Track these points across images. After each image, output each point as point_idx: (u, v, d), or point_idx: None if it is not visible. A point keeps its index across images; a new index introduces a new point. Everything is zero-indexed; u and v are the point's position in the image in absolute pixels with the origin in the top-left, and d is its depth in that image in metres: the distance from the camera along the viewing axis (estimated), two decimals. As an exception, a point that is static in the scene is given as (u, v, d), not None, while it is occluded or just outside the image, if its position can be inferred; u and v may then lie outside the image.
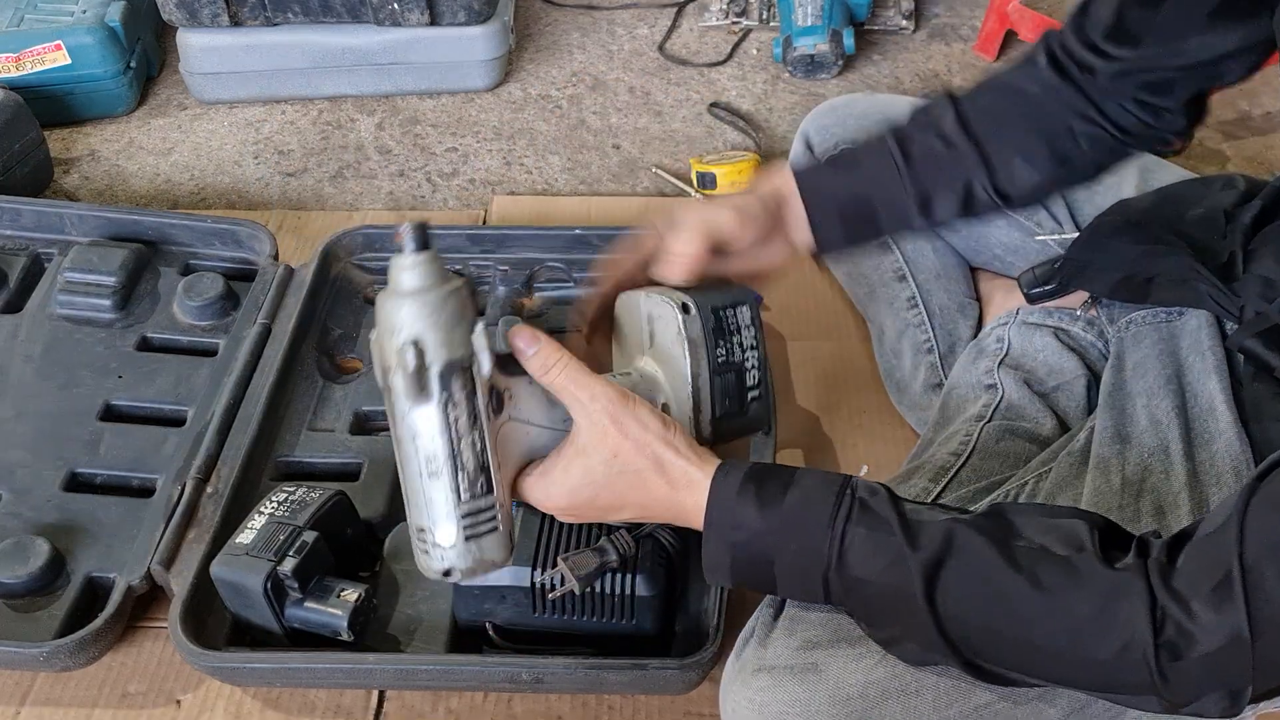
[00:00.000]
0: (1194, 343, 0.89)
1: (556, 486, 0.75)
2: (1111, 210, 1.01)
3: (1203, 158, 1.55)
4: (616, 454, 0.73)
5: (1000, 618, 0.66)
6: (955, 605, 0.66)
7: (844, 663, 0.75)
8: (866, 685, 0.74)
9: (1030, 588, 0.65)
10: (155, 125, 1.67)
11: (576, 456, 0.74)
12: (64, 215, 1.28)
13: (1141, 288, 0.93)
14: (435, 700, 0.96)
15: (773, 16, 1.81)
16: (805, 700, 0.74)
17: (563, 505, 0.76)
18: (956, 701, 0.74)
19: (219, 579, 0.92)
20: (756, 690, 0.76)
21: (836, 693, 0.74)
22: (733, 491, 0.72)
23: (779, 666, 0.76)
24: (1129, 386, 0.90)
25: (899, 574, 0.67)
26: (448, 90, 1.70)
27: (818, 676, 0.75)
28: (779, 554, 0.71)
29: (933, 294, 1.16)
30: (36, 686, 0.98)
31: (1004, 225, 1.13)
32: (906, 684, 0.74)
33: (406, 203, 1.52)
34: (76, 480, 1.07)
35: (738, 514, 0.71)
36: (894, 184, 0.88)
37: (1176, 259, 0.91)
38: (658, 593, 0.89)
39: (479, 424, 0.70)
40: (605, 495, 0.74)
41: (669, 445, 0.74)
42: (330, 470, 1.08)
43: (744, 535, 0.72)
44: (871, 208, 0.89)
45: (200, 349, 1.19)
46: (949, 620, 0.67)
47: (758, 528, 0.71)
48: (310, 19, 1.62)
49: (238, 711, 0.96)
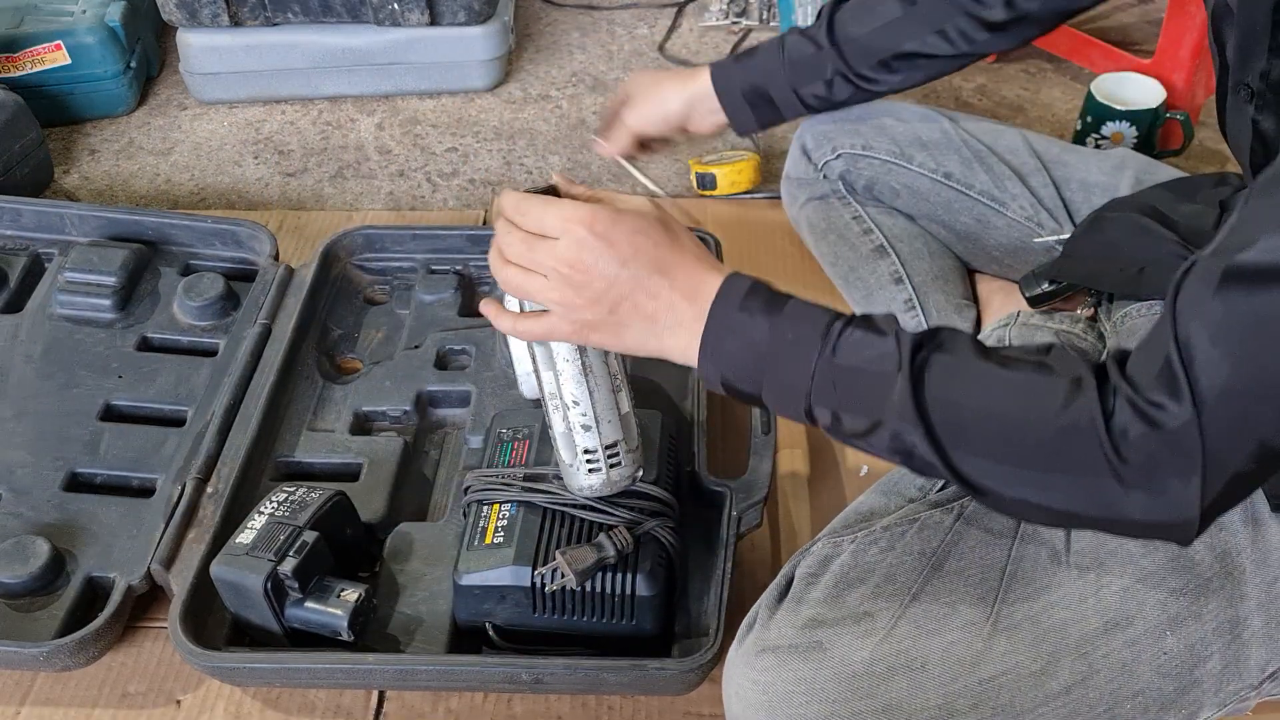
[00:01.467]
0: None
1: (615, 228, 0.74)
2: (1106, 206, 1.02)
3: (1203, 158, 1.55)
4: (664, 220, 0.76)
5: (971, 392, 0.67)
6: (934, 383, 0.68)
7: (849, 640, 0.75)
8: (872, 661, 0.74)
9: (999, 367, 0.67)
10: (155, 125, 1.67)
11: (631, 213, 0.75)
12: (64, 215, 1.28)
13: (1134, 279, 0.93)
14: (435, 700, 0.96)
15: (773, 16, 1.81)
16: (810, 678, 0.74)
17: (617, 255, 0.74)
18: (961, 676, 0.74)
19: (219, 579, 0.92)
20: (761, 670, 0.76)
21: (842, 670, 0.74)
22: (743, 287, 0.73)
23: (783, 646, 0.76)
24: None
25: (888, 361, 0.68)
26: (448, 90, 1.70)
27: (823, 654, 0.75)
28: (777, 347, 0.71)
29: (929, 295, 1.16)
30: (36, 686, 0.98)
31: (1002, 226, 1.13)
32: (912, 659, 0.74)
33: (406, 203, 1.52)
34: (77, 480, 1.07)
35: (744, 306, 0.72)
36: (779, 78, 1.11)
37: (1167, 248, 0.91)
38: (657, 593, 0.89)
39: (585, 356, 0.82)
40: (644, 257, 0.74)
41: (707, 251, 0.78)
42: (330, 470, 1.08)
43: (746, 328, 0.72)
44: (768, 96, 1.12)
45: (200, 349, 1.19)
46: (927, 399, 0.68)
47: (760, 325, 0.72)
48: (310, 19, 1.62)
49: (237, 711, 0.96)
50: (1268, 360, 0.59)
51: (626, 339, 0.75)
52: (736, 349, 0.72)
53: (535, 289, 0.75)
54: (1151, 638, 0.76)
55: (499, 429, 1.01)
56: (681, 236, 0.76)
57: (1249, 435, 0.61)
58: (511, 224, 0.76)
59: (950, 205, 1.16)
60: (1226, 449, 0.61)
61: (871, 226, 1.20)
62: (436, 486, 1.09)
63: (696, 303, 0.73)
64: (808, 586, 0.80)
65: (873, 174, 1.19)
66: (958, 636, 0.75)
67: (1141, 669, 0.76)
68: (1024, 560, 0.80)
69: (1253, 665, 0.77)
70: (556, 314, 0.75)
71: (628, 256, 0.73)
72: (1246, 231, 0.60)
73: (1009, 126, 1.21)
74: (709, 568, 0.95)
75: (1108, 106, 1.44)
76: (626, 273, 0.73)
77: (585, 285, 0.73)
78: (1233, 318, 0.59)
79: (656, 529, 0.91)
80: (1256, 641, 0.77)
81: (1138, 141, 1.45)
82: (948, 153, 1.16)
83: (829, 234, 1.23)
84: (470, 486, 0.96)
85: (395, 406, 1.12)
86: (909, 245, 1.19)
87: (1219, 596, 0.77)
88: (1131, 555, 0.78)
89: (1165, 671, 0.76)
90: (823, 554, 0.82)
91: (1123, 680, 0.75)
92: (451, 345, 1.18)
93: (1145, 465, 0.62)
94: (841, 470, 1.14)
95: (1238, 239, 0.60)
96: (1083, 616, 0.76)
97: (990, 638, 0.75)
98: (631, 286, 0.73)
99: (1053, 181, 1.13)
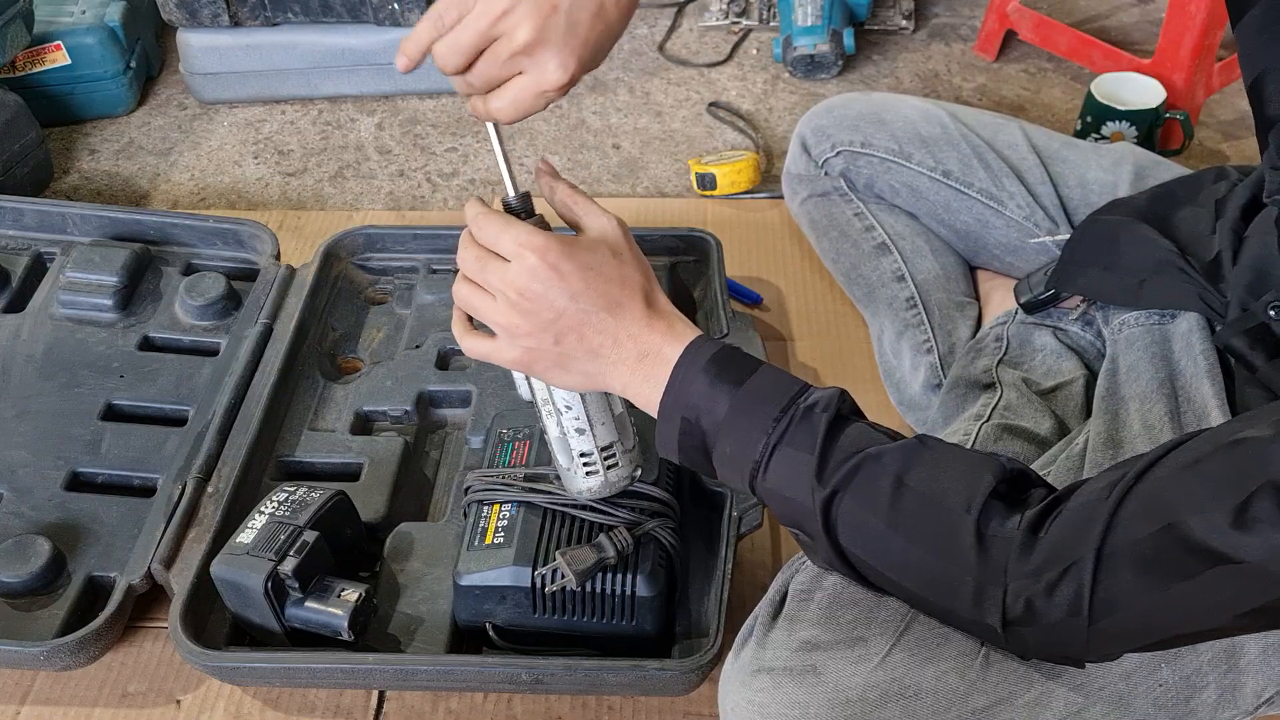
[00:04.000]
0: (1186, 346, 0.89)
1: (567, 260, 0.73)
2: (1104, 209, 1.01)
3: (1203, 158, 1.55)
4: (619, 254, 0.75)
5: (877, 555, 0.70)
6: (845, 534, 0.71)
7: (843, 665, 0.75)
8: (866, 688, 0.74)
9: (905, 541, 0.69)
10: (155, 125, 1.67)
11: (586, 244, 0.75)
12: (66, 215, 1.28)
13: (1132, 291, 0.93)
14: (435, 700, 0.96)
15: (773, 16, 1.81)
16: (804, 703, 0.74)
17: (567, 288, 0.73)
18: (954, 706, 0.74)
19: (219, 578, 0.92)
20: (755, 691, 0.76)
21: (836, 696, 0.74)
22: (699, 366, 0.73)
23: (778, 668, 0.76)
24: (1122, 391, 0.90)
25: (806, 497, 0.70)
26: (447, 90, 1.70)
27: (817, 679, 0.75)
28: (718, 443, 0.73)
29: (931, 294, 1.16)
30: (37, 686, 0.98)
31: (1001, 226, 1.13)
32: (905, 688, 0.74)
33: (406, 203, 1.52)
34: (78, 480, 1.07)
35: (694, 390, 0.73)
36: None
37: (1164, 259, 0.91)
38: (658, 593, 0.89)
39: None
40: (594, 292, 0.73)
41: (659, 288, 0.77)
42: (331, 470, 1.08)
43: (693, 414, 0.73)
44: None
45: (202, 349, 1.19)
46: (843, 543, 0.71)
47: (708, 413, 0.72)
48: (310, 19, 1.62)
49: (237, 711, 0.96)
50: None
51: (569, 372, 0.76)
52: (686, 445, 0.74)
53: (483, 308, 0.75)
54: (1146, 670, 0.75)
55: (500, 429, 1.01)
56: (635, 272, 0.76)
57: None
58: (469, 237, 0.76)
59: (949, 204, 1.16)
60: (1111, 641, 0.64)
61: (873, 224, 1.20)
62: (437, 486, 1.09)
63: (640, 343, 0.74)
64: (802, 604, 0.79)
65: (872, 172, 1.20)
66: (951, 665, 0.75)
67: (1137, 701, 0.75)
68: None
69: (1248, 693, 0.77)
70: (502, 338, 0.76)
71: (578, 290, 0.73)
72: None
73: (1009, 120, 1.20)
74: (709, 568, 0.95)
75: (1108, 106, 1.44)
76: (575, 306, 0.73)
77: (532, 314, 0.73)
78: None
79: (657, 529, 0.91)
80: (1253, 670, 0.76)
81: (1138, 141, 1.45)
82: (946, 149, 1.16)
83: (830, 230, 1.23)
84: (471, 487, 0.96)
85: (396, 406, 1.12)
86: (911, 243, 1.19)
87: None
88: None
89: (1161, 704, 0.75)
90: (815, 569, 0.81)
91: (1118, 713, 0.75)
92: (452, 345, 1.17)
93: (1031, 650, 0.68)
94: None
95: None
96: None
97: (983, 668, 0.75)
98: (578, 320, 0.74)
99: (1050, 179, 1.13)
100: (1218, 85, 1.56)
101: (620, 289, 0.74)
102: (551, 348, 0.74)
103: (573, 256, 0.73)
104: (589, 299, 0.73)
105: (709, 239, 1.24)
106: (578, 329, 0.74)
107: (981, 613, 0.66)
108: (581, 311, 0.73)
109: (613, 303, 0.74)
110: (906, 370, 1.15)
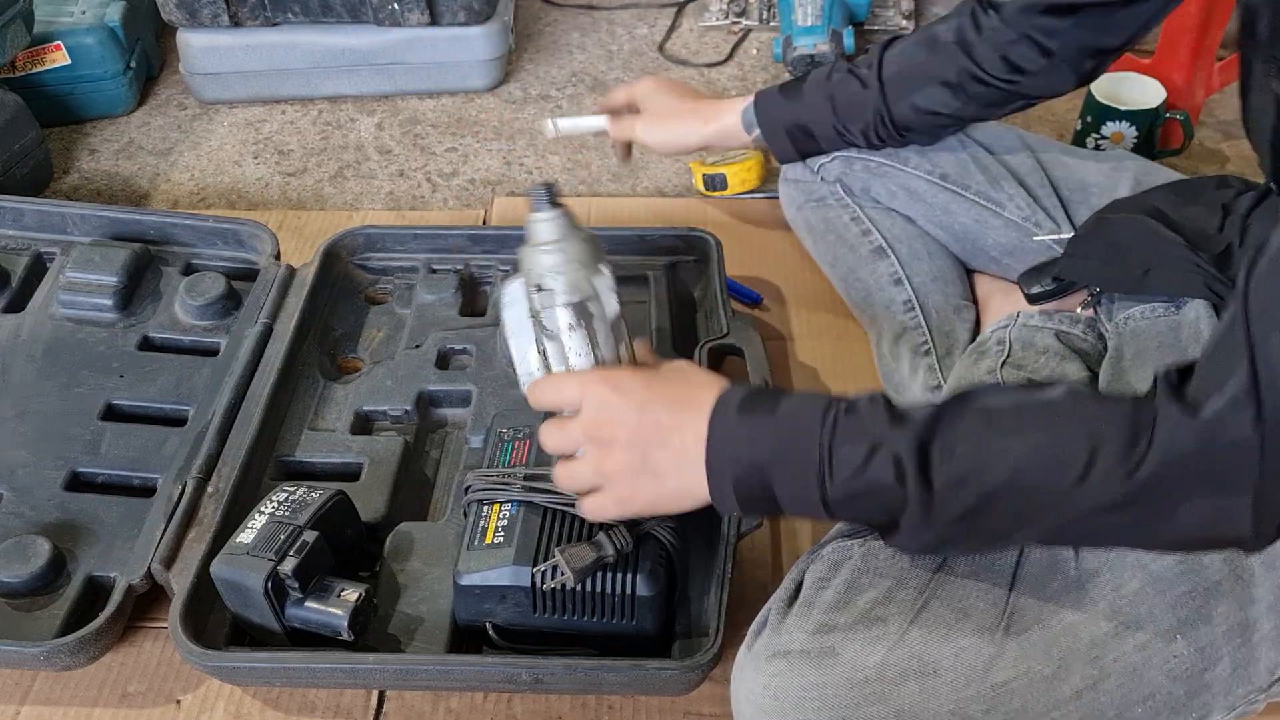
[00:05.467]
0: (1194, 334, 0.89)
1: (630, 378, 0.76)
2: (1108, 207, 1.01)
3: (1202, 158, 1.55)
4: (690, 371, 0.80)
5: (1000, 465, 0.67)
6: (951, 470, 0.67)
7: (860, 645, 0.75)
8: (883, 666, 0.74)
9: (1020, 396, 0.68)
10: (155, 125, 1.67)
11: (656, 366, 0.81)
12: (66, 215, 1.28)
13: (1139, 279, 0.93)
14: (435, 700, 0.96)
15: (773, 16, 1.81)
16: (821, 684, 0.74)
17: (634, 401, 0.75)
18: (974, 682, 0.74)
19: (219, 578, 0.92)
20: (772, 675, 0.76)
21: (853, 675, 0.74)
22: (732, 409, 0.74)
23: (794, 651, 0.76)
24: (1127, 376, 0.90)
25: (885, 470, 0.68)
26: (448, 90, 1.70)
27: (834, 660, 0.75)
28: (773, 473, 0.72)
29: (929, 296, 1.16)
30: (36, 686, 0.98)
31: (1000, 227, 1.14)
32: (924, 665, 0.74)
33: (406, 203, 1.52)
34: (77, 480, 1.07)
35: (735, 442, 0.73)
36: (825, 116, 1.15)
37: (1173, 248, 0.91)
38: (658, 593, 0.89)
39: (598, 350, 0.81)
40: (661, 397, 0.75)
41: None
42: (331, 470, 1.08)
43: (742, 467, 0.73)
44: (810, 132, 1.17)
45: (202, 349, 1.19)
46: (946, 488, 0.68)
47: (752, 457, 0.73)
48: (310, 19, 1.62)
49: (238, 711, 0.96)
50: None
51: (664, 487, 0.77)
52: (745, 497, 0.74)
53: (580, 473, 0.79)
54: (1162, 641, 0.76)
55: (500, 429, 1.01)
56: (708, 378, 0.77)
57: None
58: (547, 427, 0.80)
59: (947, 207, 1.16)
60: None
61: (870, 227, 1.20)
62: (437, 486, 1.09)
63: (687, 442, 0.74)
64: (819, 590, 0.80)
65: (869, 175, 1.20)
66: (969, 642, 0.75)
67: (1152, 673, 0.75)
68: (1033, 565, 0.79)
69: (1262, 668, 0.77)
70: (602, 485, 0.78)
71: (644, 400, 0.75)
72: None
73: (1006, 127, 1.21)
74: (709, 568, 0.95)
75: (1108, 106, 1.44)
76: (643, 416, 0.75)
77: (609, 441, 0.76)
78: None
79: (656, 529, 0.91)
80: (1267, 644, 0.77)
81: (1138, 141, 1.45)
82: (943, 153, 1.17)
83: (827, 235, 1.23)
84: (471, 486, 0.96)
85: (396, 406, 1.12)
86: (908, 246, 1.19)
87: (1229, 599, 0.77)
88: (1140, 560, 0.78)
89: (1175, 675, 0.76)
90: (833, 558, 0.82)
91: (1133, 685, 0.75)
92: (452, 345, 1.18)
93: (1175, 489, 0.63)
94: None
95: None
96: (1093, 620, 0.76)
97: (1002, 643, 0.75)
98: (653, 425, 0.75)
99: (1050, 181, 1.13)
100: (1218, 85, 1.56)
101: (689, 391, 0.76)
102: (641, 468, 0.76)
103: (636, 374, 0.76)
104: (657, 405, 0.75)
105: (709, 239, 1.24)
106: (654, 434, 0.75)
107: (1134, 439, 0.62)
108: (653, 417, 0.75)
109: (680, 401, 0.75)
110: (905, 373, 1.15)
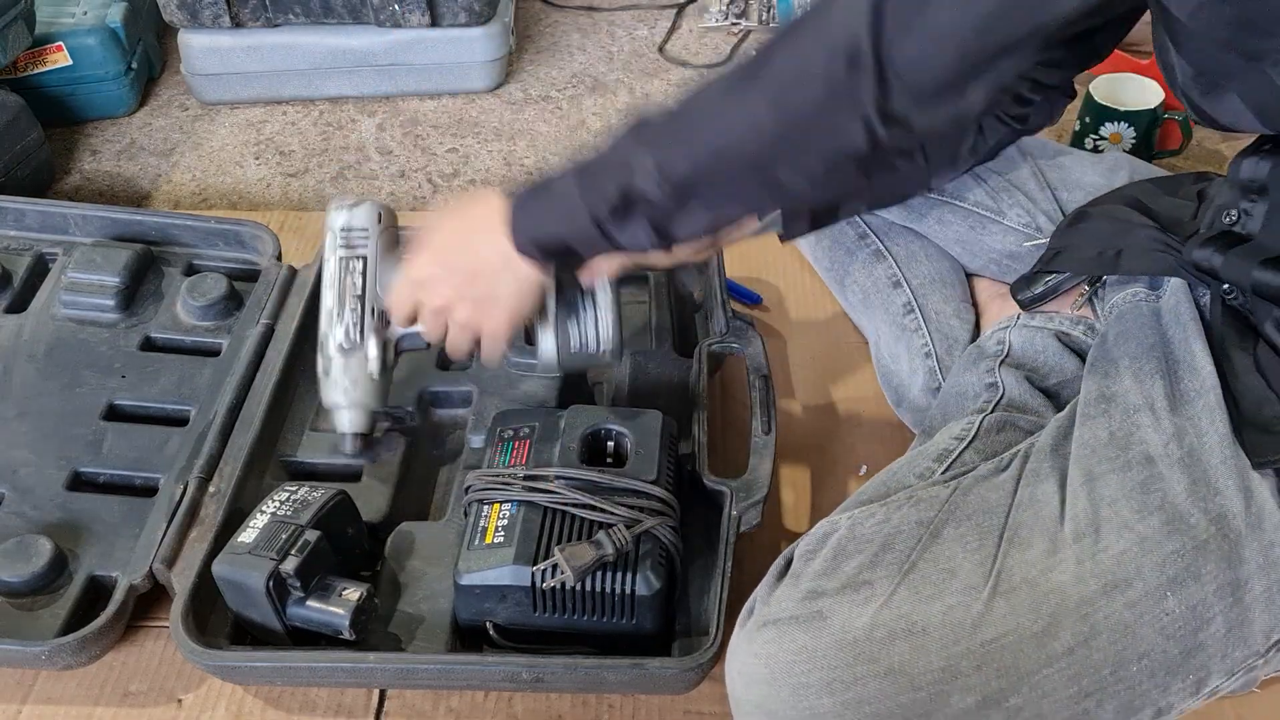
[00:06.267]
0: (1175, 317, 0.89)
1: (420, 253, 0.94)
2: (1090, 203, 1.02)
3: (1202, 158, 1.55)
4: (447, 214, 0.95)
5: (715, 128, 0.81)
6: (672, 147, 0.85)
7: (848, 608, 0.76)
8: (873, 627, 0.75)
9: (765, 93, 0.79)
10: (156, 126, 1.67)
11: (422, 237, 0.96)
12: (68, 216, 1.28)
13: (1110, 262, 0.94)
14: (436, 699, 0.97)
15: (773, 17, 1.82)
16: (811, 647, 0.75)
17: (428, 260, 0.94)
18: (963, 639, 0.75)
19: (221, 578, 0.92)
20: (762, 644, 0.77)
21: (843, 636, 0.75)
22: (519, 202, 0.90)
23: (783, 618, 0.77)
24: (1113, 353, 0.90)
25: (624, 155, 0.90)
26: (448, 91, 1.71)
27: (823, 623, 0.76)
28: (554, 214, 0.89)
29: (929, 299, 1.16)
30: (38, 685, 0.98)
31: (999, 232, 1.14)
32: (913, 624, 0.75)
33: (407, 203, 1.52)
34: (79, 479, 1.07)
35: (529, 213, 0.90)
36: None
37: (1144, 230, 0.92)
38: (657, 592, 0.89)
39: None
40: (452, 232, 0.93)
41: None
42: (332, 470, 1.09)
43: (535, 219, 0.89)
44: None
45: (203, 349, 1.20)
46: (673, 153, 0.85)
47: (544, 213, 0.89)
48: (311, 20, 1.62)
49: (239, 710, 0.96)
50: None
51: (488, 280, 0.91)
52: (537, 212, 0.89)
53: (429, 324, 0.97)
54: (1152, 599, 0.76)
55: (500, 429, 1.01)
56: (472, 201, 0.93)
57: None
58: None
59: (943, 218, 1.17)
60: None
61: (867, 231, 1.20)
62: (437, 486, 1.09)
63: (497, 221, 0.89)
64: (806, 562, 0.81)
65: None
66: (957, 600, 0.76)
67: (1144, 630, 0.76)
68: (1021, 526, 0.80)
69: (1257, 630, 0.78)
70: (450, 325, 0.95)
71: (434, 244, 0.94)
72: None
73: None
74: (709, 567, 0.95)
75: (1106, 107, 1.45)
76: (440, 245, 0.94)
77: (431, 280, 0.94)
78: None
79: (656, 528, 0.91)
80: (1259, 606, 0.77)
81: (1136, 142, 1.45)
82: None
83: (824, 239, 1.24)
84: (471, 486, 0.96)
85: (396, 407, 1.13)
86: (905, 248, 1.19)
87: (1216, 558, 0.77)
88: (1126, 520, 0.78)
89: (1169, 633, 0.76)
90: (820, 532, 0.83)
91: (1126, 642, 0.76)
92: (452, 345, 1.18)
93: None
94: (841, 470, 1.14)
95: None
96: (1081, 579, 0.77)
97: (990, 600, 0.76)
98: (455, 249, 0.93)
99: (1049, 185, 1.13)
100: (1217, 86, 1.56)
101: (465, 211, 0.93)
102: (463, 282, 0.92)
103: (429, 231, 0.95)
104: (444, 234, 0.94)
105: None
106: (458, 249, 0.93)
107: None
108: (443, 240, 0.94)
109: (464, 218, 0.93)
110: (905, 373, 1.15)
